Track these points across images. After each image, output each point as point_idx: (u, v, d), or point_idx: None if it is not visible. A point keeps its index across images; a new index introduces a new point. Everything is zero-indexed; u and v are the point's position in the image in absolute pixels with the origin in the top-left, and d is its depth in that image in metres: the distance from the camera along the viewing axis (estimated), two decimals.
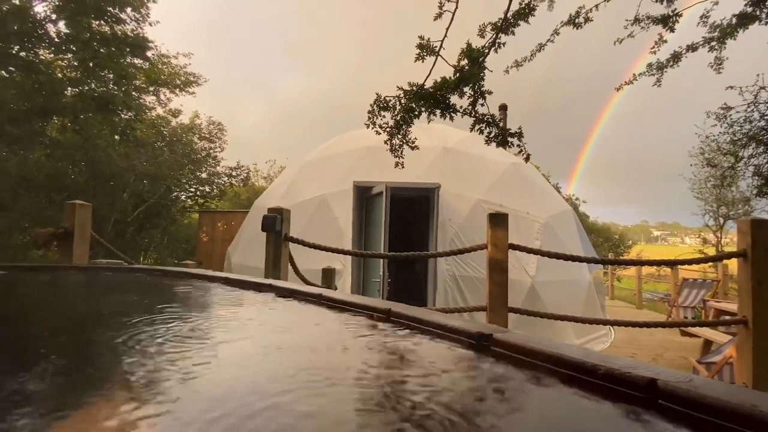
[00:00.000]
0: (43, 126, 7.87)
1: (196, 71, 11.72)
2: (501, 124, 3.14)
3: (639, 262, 5.82)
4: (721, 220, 15.82)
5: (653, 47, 4.87)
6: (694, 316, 7.65)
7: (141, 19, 7.83)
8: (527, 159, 3.27)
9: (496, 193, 5.77)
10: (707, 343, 5.00)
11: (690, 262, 3.20)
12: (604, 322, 3.38)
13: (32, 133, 7.22)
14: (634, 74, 5.14)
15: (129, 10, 7.43)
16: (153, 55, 9.19)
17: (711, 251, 15.06)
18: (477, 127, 3.13)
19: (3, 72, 7.12)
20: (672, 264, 6.09)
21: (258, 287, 0.93)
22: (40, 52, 7.63)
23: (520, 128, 3.03)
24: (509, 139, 3.07)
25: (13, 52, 7.05)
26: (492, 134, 3.11)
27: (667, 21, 4.07)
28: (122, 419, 0.31)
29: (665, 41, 4.77)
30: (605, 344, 5.83)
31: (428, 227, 5.51)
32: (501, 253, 2.45)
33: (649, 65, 5.02)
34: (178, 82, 11.33)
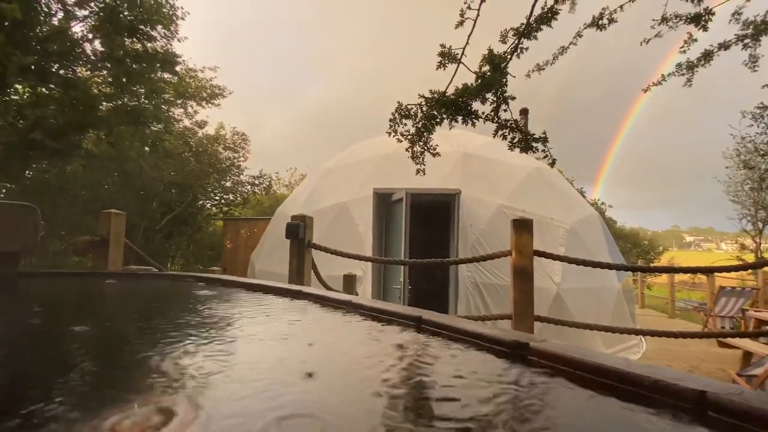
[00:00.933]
0: (79, 139, 8.28)
1: (221, 84, 12.16)
2: (523, 129, 3.11)
3: (672, 269, 5.57)
4: (760, 225, 15.00)
5: (683, 46, 4.71)
6: (732, 326, 7.27)
7: (170, 35, 8.19)
8: (553, 164, 3.22)
9: (518, 199, 5.68)
10: (747, 355, 4.74)
11: (727, 269, 3.05)
12: (636, 332, 3.25)
13: (70, 146, 7.61)
14: (663, 74, 4.99)
15: (159, 27, 7.79)
16: (181, 69, 9.58)
17: (750, 258, 14.29)
18: (500, 132, 3.10)
19: (44, 89, 7.56)
20: (708, 271, 5.80)
21: (291, 293, 0.95)
22: (77, 70, 8.07)
23: (544, 133, 2.98)
24: (533, 144, 3.02)
25: (53, 70, 7.49)
26: (515, 140, 3.07)
27: (699, 19, 3.94)
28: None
29: (695, 40, 4.61)
30: (636, 355, 5.60)
31: (449, 233, 5.47)
32: (526, 260, 2.40)
33: (679, 65, 4.86)
34: (204, 94, 11.76)
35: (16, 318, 0.78)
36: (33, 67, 6.81)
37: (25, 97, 7.49)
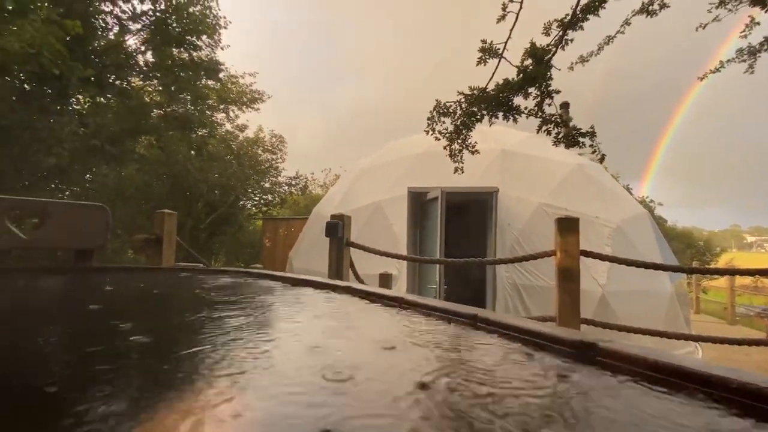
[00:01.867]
0: (133, 144, 8.92)
1: (260, 88, 12.64)
2: (569, 124, 2.98)
3: (732, 271, 5.16)
4: None
5: (743, 31, 4.37)
6: None
7: (214, 44, 8.64)
8: (602, 159, 3.07)
9: (559, 196, 5.47)
10: None
11: None
12: (693, 338, 3.04)
13: (126, 151, 8.22)
14: (721, 61, 4.65)
15: (204, 37, 8.24)
16: (223, 76, 10.05)
17: None
18: (544, 128, 3.00)
19: (102, 99, 8.20)
20: None
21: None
22: (131, 80, 8.69)
23: (592, 127, 2.85)
24: (580, 138, 2.90)
25: (110, 81, 8.10)
26: (560, 135, 2.96)
27: (764, 1, 3.62)
28: None
29: (758, 23, 4.25)
30: None
31: (486, 233, 5.37)
32: (571, 260, 2.31)
33: (739, 50, 4.50)
34: (245, 99, 12.27)
35: (91, 305, 0.86)
36: (92, 78, 7.40)
37: (86, 106, 8.15)
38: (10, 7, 5.90)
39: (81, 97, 7.98)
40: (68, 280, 1.19)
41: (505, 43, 2.98)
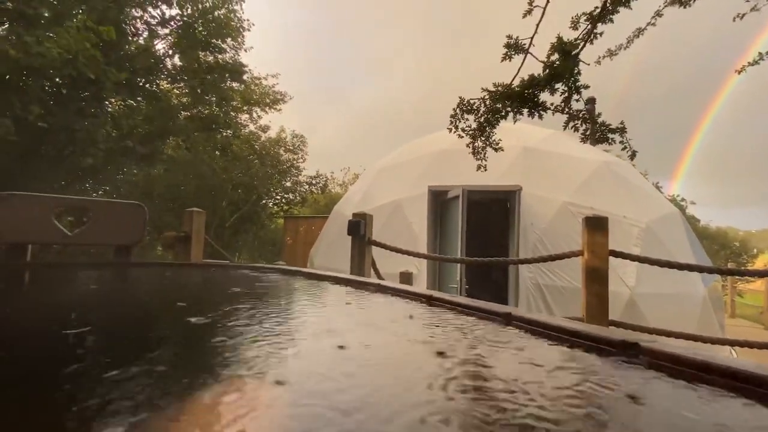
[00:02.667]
0: (161, 145, 9.23)
1: (282, 89, 12.87)
2: (598, 120, 2.90)
3: None
4: None
5: None
6: None
7: (238, 46, 8.85)
8: (633, 156, 2.97)
9: (585, 195, 5.33)
10: None
11: None
12: (730, 342, 2.91)
13: (155, 152, 8.52)
14: (760, 53, 4.41)
15: (228, 40, 8.45)
16: (247, 78, 10.28)
17: None
18: (572, 124, 2.93)
19: (132, 102, 8.52)
20: None
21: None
22: (160, 83, 8.99)
23: (622, 123, 2.76)
24: (610, 135, 2.81)
25: (140, 84, 8.41)
26: (588, 131, 2.88)
27: None
28: None
29: None
30: None
31: (508, 232, 5.29)
32: (600, 260, 2.25)
33: None
34: (268, 101, 12.51)
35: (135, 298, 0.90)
36: (124, 82, 7.69)
37: (117, 109, 8.49)
38: (46, 14, 6.21)
39: (113, 99, 8.31)
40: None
41: (531, 38, 2.92)
